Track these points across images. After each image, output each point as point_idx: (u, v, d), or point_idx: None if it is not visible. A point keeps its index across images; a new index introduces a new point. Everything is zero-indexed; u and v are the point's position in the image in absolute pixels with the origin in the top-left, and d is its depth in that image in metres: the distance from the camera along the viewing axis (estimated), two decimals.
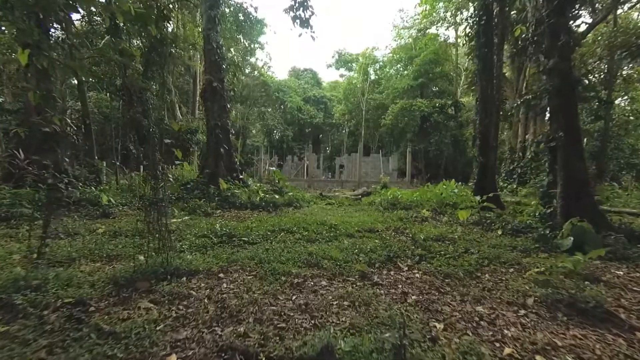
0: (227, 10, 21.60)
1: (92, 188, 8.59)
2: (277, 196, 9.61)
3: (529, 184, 16.91)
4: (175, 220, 6.84)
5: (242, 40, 36.99)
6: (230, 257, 3.88)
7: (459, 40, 34.37)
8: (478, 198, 7.61)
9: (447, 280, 3.39)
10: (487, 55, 10.44)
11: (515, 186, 16.88)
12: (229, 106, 12.07)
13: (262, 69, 42.25)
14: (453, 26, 30.76)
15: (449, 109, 30.05)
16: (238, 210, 9.02)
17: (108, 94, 18.16)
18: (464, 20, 28.95)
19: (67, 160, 9.30)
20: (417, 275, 3.54)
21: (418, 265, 3.93)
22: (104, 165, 12.64)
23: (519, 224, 5.76)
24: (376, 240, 5.30)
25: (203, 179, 10.85)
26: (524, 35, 8.88)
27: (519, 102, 11.24)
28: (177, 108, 27.22)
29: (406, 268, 3.78)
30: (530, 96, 9.53)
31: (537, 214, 5.70)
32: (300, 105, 45.10)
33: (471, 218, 7.59)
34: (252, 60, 40.79)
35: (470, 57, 30.59)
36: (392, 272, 3.63)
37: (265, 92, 42.90)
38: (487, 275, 3.62)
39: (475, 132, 12.05)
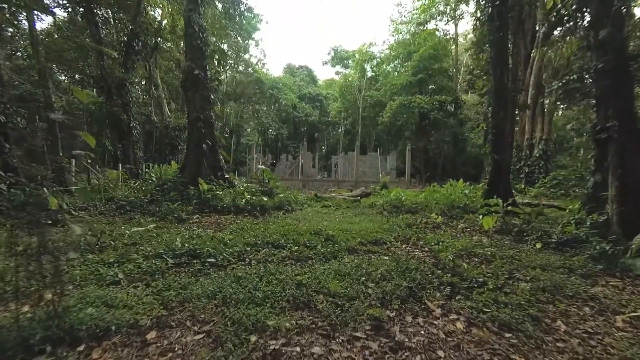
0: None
1: (45, 190, 7.25)
2: (265, 198, 8.38)
3: (538, 183, 15.92)
4: (136, 229, 5.59)
5: (234, 35, 35.71)
6: (180, 294, 2.65)
7: (459, 36, 33.41)
8: (501, 202, 6.45)
9: (508, 335, 2.20)
10: (502, 40, 9.32)
11: (523, 186, 15.88)
12: (213, 97, 10.78)
13: (256, 66, 41.00)
14: (452, 20, 29.75)
15: (448, 106, 29.04)
16: (219, 214, 7.77)
17: (95, 90, 16.66)
18: (464, 14, 27.97)
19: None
20: (458, 324, 2.34)
21: (454, 302, 2.73)
22: (73, 163, 11.30)
23: (562, 234, 4.60)
24: (386, 258, 4.10)
25: (182, 178, 9.57)
26: (559, 6, 7.68)
27: (556, 85, 10.01)
28: (165, 103, 25.75)
29: (439, 310, 2.58)
30: (573, 76, 8.34)
31: (588, 223, 4.55)
32: (296, 102, 43.82)
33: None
34: (246, 56, 39.53)
35: (469, 54, 29.59)
36: (419, 320, 2.42)
37: (260, 89, 41.63)
38: (560, 322, 2.43)
39: (487, 126, 10.91)
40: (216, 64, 11.91)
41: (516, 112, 11.26)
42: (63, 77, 28.55)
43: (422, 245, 5.01)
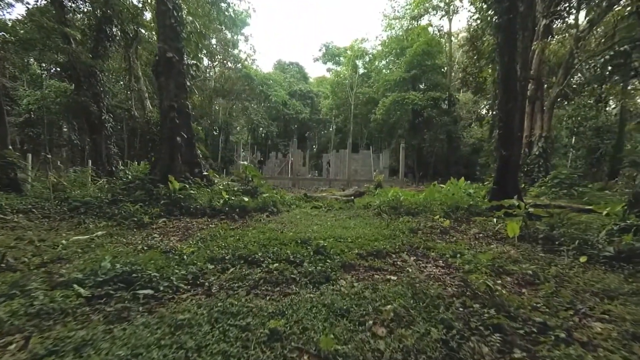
0: None
1: None
2: (246, 199, 7.27)
3: (538, 182, 15.24)
4: (78, 238, 4.45)
5: (221, 28, 34.31)
6: None
7: (452, 35, 32.75)
8: (522, 203, 5.53)
9: None
10: (511, 23, 8.43)
11: (522, 185, 15.16)
12: (189, 84, 9.59)
13: (246, 62, 39.77)
14: (447, 15, 29.06)
15: (442, 103, 28.36)
16: (191, 218, 6.64)
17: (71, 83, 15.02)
18: (459, 9, 27.33)
19: None
20: None
21: None
22: (30, 158, 9.93)
23: (618, 245, 3.66)
24: (394, 279, 3.10)
25: (152, 176, 8.37)
26: None
27: (602, 59, 9.03)
28: (147, 97, 24.18)
29: None
30: (624, 47, 7.47)
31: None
32: (286, 99, 42.65)
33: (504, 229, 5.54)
34: (235, 52, 38.26)
35: (464, 50, 28.93)
36: None
37: (249, 85, 40.35)
38: None
39: (493, 119, 10.04)
40: (193, 46, 10.64)
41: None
42: (40, 71, 26.75)
43: (435, 257, 4.02)
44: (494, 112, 9.34)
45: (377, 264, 3.62)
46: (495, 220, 6.01)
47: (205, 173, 9.49)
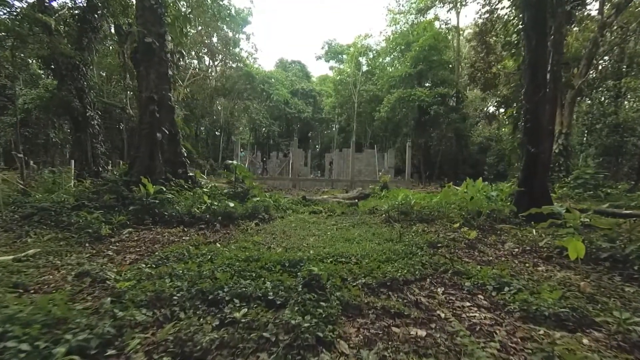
0: None
1: None
2: (232, 204, 6.18)
3: (558, 183, 14.02)
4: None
5: (224, 28, 33.47)
6: None
7: (459, 26, 31.48)
8: (577, 212, 4.38)
9: None
10: (540, 2, 7.31)
11: None
12: (171, 73, 8.55)
13: (247, 60, 38.90)
14: (454, 8, 27.76)
15: (450, 100, 27.07)
16: (165, 227, 5.58)
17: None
18: (467, 1, 26.10)
19: None
20: None
21: None
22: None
23: None
24: (423, 335, 2.02)
25: (127, 177, 7.34)
26: None
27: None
28: None
29: None
30: None
31: None
32: (288, 98, 41.61)
33: (547, 243, 4.41)
34: (236, 50, 37.41)
35: (471, 45, 27.67)
36: None
37: (250, 84, 39.43)
38: None
39: (517, 111, 8.88)
40: (178, 32, 9.58)
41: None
42: (41, 71, 25.98)
43: (472, 289, 2.90)
44: (520, 103, 8.20)
45: (393, 304, 2.51)
46: (534, 231, 4.88)
47: (190, 174, 8.44)
